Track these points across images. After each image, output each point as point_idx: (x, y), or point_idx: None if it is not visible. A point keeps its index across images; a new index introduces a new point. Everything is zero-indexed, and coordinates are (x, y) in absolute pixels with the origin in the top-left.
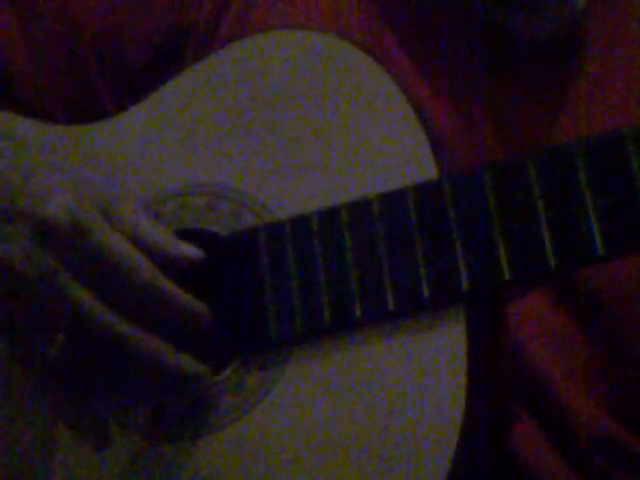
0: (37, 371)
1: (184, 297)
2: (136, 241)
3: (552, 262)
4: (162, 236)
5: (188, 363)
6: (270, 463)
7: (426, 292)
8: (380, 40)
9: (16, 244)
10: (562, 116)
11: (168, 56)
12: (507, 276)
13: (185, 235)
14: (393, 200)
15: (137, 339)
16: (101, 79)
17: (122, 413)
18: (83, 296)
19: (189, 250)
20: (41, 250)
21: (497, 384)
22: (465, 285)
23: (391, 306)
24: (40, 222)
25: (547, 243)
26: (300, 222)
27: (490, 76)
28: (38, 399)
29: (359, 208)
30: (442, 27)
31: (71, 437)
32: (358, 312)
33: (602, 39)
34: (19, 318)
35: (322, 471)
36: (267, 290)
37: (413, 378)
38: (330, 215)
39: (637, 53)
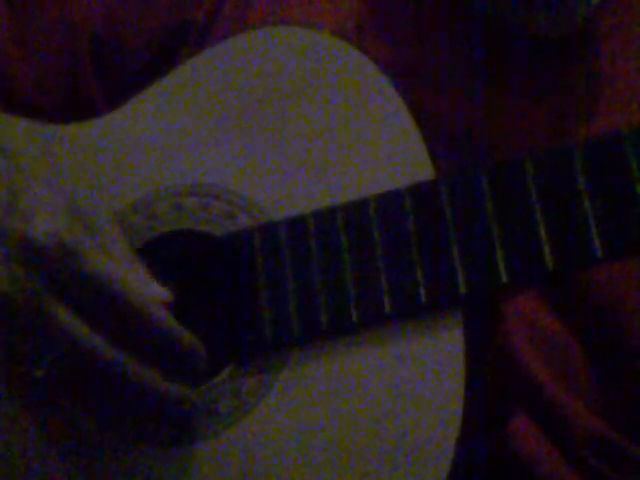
0: (26, 389)
1: (175, 327)
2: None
3: (550, 264)
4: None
5: (172, 391)
6: (269, 466)
7: (423, 295)
8: (379, 39)
9: (1, 265)
10: (563, 116)
11: (167, 55)
12: (504, 279)
13: (179, 236)
14: (390, 201)
15: (122, 365)
16: (97, 80)
17: (115, 422)
18: (69, 320)
19: (160, 292)
20: (26, 272)
21: (494, 385)
22: (462, 288)
23: (388, 309)
24: (26, 244)
25: (545, 245)
26: (296, 223)
27: (490, 75)
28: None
29: (356, 209)
30: (442, 25)
31: (67, 442)
32: (355, 315)
33: (614, 39)
34: (5, 338)
35: (321, 473)
36: (263, 292)
37: (411, 381)
38: (326, 216)
39: None
